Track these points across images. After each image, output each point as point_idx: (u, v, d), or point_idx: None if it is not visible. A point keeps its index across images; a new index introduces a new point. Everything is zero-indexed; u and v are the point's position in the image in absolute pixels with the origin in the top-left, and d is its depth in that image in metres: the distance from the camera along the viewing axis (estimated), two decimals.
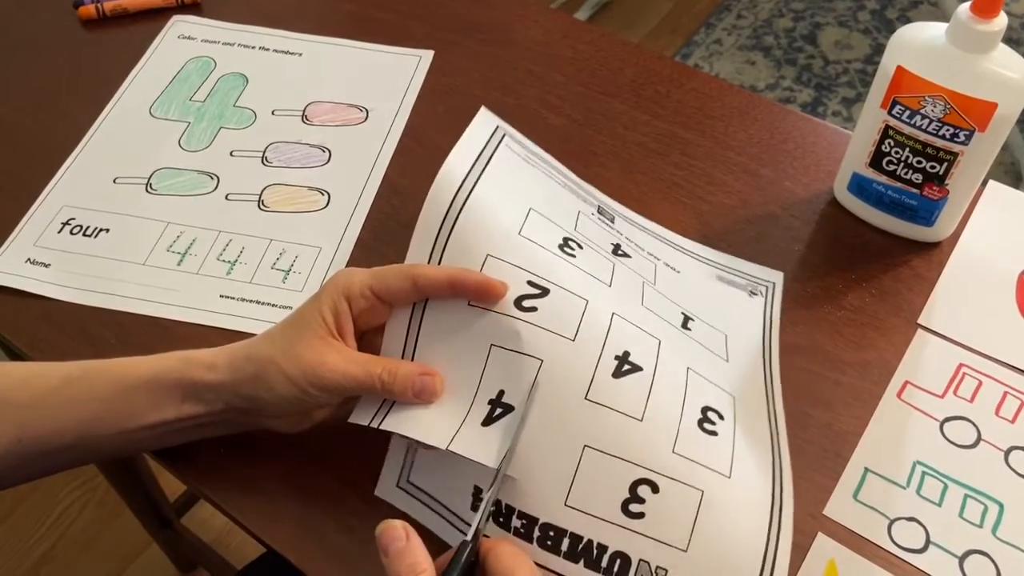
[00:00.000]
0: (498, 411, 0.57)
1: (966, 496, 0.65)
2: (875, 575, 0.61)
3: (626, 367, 0.58)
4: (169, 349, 0.62)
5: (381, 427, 0.58)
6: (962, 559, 0.62)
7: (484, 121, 0.70)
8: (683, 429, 0.58)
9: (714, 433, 0.59)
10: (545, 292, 0.59)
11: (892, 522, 0.63)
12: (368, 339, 0.62)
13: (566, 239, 0.64)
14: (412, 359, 0.60)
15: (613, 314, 0.60)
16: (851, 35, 2.45)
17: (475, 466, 0.56)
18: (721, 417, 0.60)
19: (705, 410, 0.60)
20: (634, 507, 0.56)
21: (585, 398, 0.56)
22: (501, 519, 0.57)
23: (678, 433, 0.57)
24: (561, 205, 0.69)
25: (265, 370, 0.58)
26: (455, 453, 0.56)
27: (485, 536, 0.55)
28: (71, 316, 0.74)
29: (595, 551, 0.56)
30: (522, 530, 0.57)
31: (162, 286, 0.76)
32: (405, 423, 0.58)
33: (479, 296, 0.58)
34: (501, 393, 0.58)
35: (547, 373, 0.57)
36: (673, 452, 0.57)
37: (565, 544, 0.56)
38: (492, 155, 0.67)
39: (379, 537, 0.51)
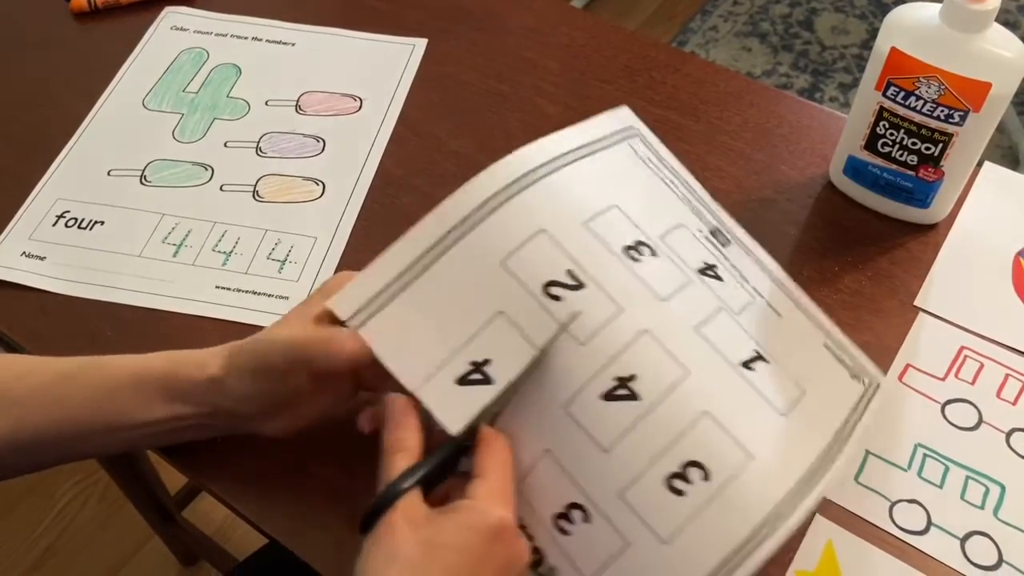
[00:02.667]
0: (475, 376, 0.55)
1: (967, 478, 0.65)
2: (873, 555, 0.61)
3: (621, 392, 0.55)
4: (165, 340, 0.62)
5: (361, 331, 0.56)
6: (963, 540, 0.62)
7: (618, 117, 0.66)
8: (646, 478, 0.54)
9: (680, 493, 0.53)
10: (579, 286, 0.56)
11: (893, 504, 0.63)
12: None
13: (639, 243, 0.59)
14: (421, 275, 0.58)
15: (645, 331, 0.56)
16: (847, 20, 2.44)
17: None
18: (706, 478, 0.53)
19: (687, 465, 0.54)
20: (563, 523, 0.55)
21: (564, 407, 0.55)
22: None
23: (636, 480, 0.54)
24: (660, 213, 0.63)
25: (267, 358, 0.58)
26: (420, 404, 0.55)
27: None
28: (67, 308, 0.74)
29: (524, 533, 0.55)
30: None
31: (158, 277, 0.76)
32: (385, 341, 0.56)
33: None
34: (487, 361, 0.55)
35: (539, 367, 0.55)
36: (619, 497, 0.54)
37: None
38: (606, 147, 0.64)
39: (384, 407, 0.54)
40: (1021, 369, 0.70)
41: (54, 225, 0.79)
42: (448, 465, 0.55)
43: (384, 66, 0.92)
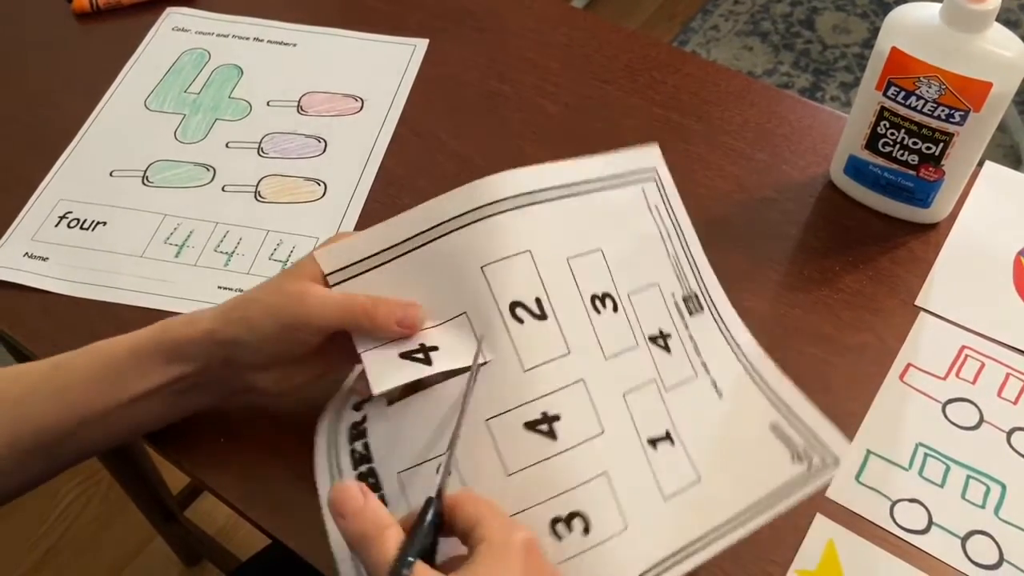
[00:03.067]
0: (418, 355, 0.57)
1: (968, 477, 0.65)
2: (874, 554, 0.61)
3: (542, 427, 0.55)
4: None
5: (336, 288, 0.59)
6: (964, 540, 0.62)
7: (644, 156, 0.66)
8: (534, 512, 0.54)
9: (559, 537, 0.54)
10: (542, 317, 0.57)
11: (894, 504, 0.63)
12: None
13: (606, 294, 0.60)
14: (407, 254, 0.59)
15: (581, 380, 0.57)
16: (849, 19, 2.44)
17: None
18: (586, 531, 0.54)
19: (574, 514, 0.54)
20: None
21: (486, 420, 0.55)
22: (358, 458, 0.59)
23: (525, 512, 0.54)
24: (640, 268, 0.63)
25: (248, 309, 0.59)
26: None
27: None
28: (70, 309, 0.74)
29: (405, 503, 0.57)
30: (367, 473, 0.58)
31: (160, 278, 0.76)
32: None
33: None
34: (435, 348, 0.57)
35: (480, 375, 0.56)
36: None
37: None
38: (618, 186, 0.64)
39: (332, 502, 0.49)
40: (1022, 368, 0.70)
41: (56, 226, 0.80)
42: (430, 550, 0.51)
43: (385, 66, 0.92)
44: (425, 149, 0.85)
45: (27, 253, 0.78)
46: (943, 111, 0.68)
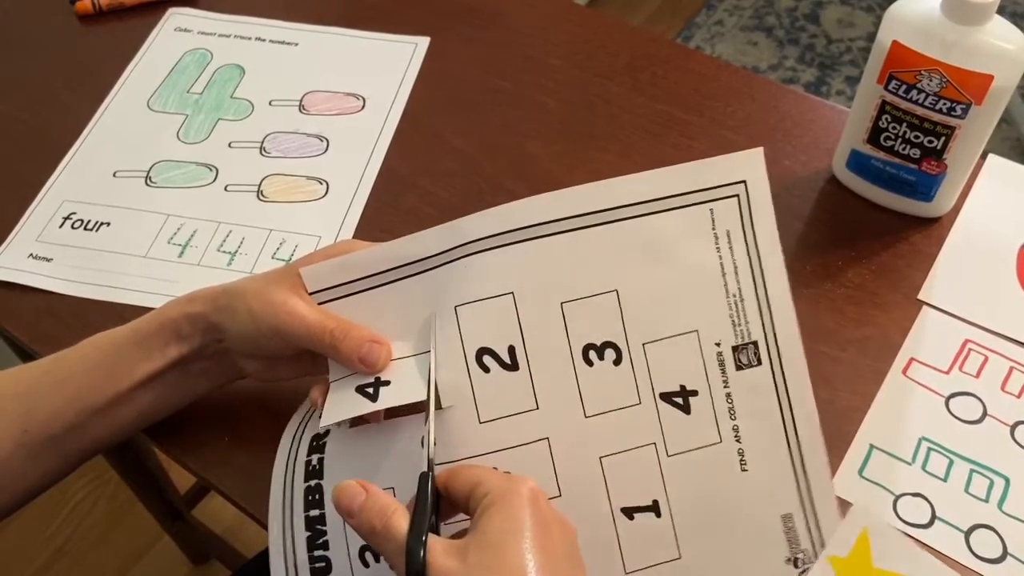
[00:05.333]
0: (369, 389, 0.55)
1: (972, 471, 0.65)
2: (907, 548, 0.61)
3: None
4: None
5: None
6: (968, 533, 0.62)
7: (734, 165, 0.56)
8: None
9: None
10: (512, 367, 0.55)
11: (898, 498, 0.63)
12: None
13: (607, 343, 0.56)
14: (388, 284, 0.58)
15: (544, 439, 0.55)
16: (853, 13, 2.43)
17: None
18: None
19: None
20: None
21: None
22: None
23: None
24: (674, 310, 0.57)
25: (235, 301, 0.59)
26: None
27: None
28: (74, 310, 0.75)
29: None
30: (313, 488, 0.57)
31: (164, 278, 0.76)
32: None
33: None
34: (386, 383, 0.56)
35: (440, 418, 0.54)
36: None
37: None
38: (677, 208, 0.56)
39: (337, 503, 0.50)
40: None
41: (60, 227, 0.80)
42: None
43: (387, 65, 0.92)
44: (427, 147, 0.85)
45: (31, 254, 0.78)
46: (945, 104, 0.68)
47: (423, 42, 0.94)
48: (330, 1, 1.00)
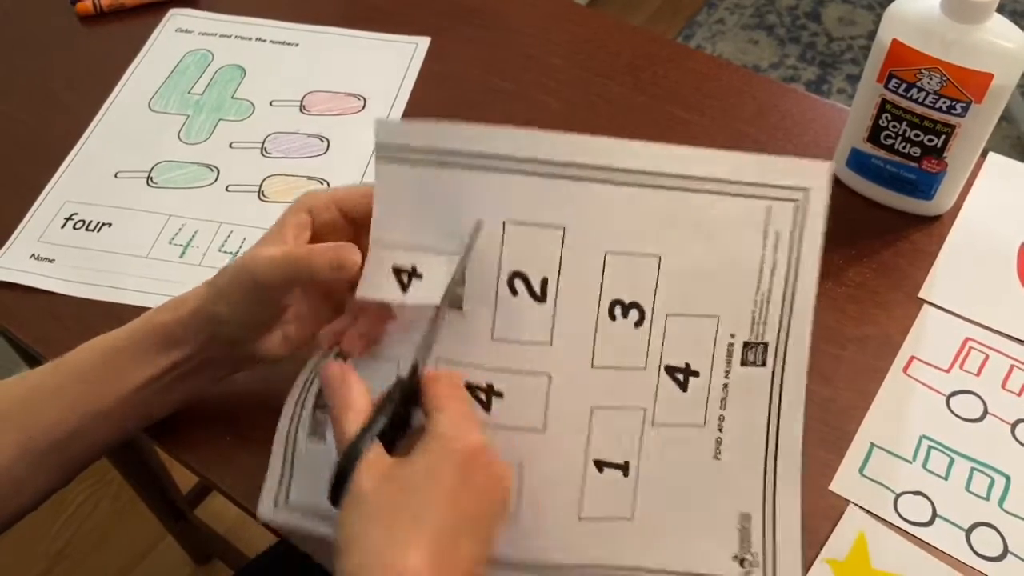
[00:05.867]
0: (404, 277, 0.56)
1: (972, 469, 0.65)
2: (905, 549, 0.61)
3: (480, 395, 0.55)
4: None
5: (378, 165, 0.56)
6: (968, 532, 0.62)
7: (801, 171, 0.56)
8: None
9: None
10: (540, 298, 0.55)
11: (898, 496, 0.63)
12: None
13: (634, 303, 0.56)
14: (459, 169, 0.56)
15: (546, 375, 0.56)
16: (854, 11, 2.43)
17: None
18: None
19: None
20: None
21: (437, 355, 0.55)
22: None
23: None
24: (703, 292, 0.57)
25: (218, 281, 0.59)
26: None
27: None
28: (76, 310, 0.75)
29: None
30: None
31: (165, 279, 0.76)
32: (388, 188, 0.56)
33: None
34: (420, 275, 0.56)
35: (454, 317, 0.55)
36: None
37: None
38: (738, 196, 0.56)
39: (323, 385, 0.53)
40: None
41: (62, 228, 0.80)
42: (403, 420, 0.53)
43: (387, 65, 0.92)
44: None
45: (34, 255, 0.78)
46: (945, 103, 0.68)
47: (423, 42, 0.94)
48: (330, 1, 1.00)
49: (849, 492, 0.63)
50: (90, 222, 0.80)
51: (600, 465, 0.57)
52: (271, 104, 0.90)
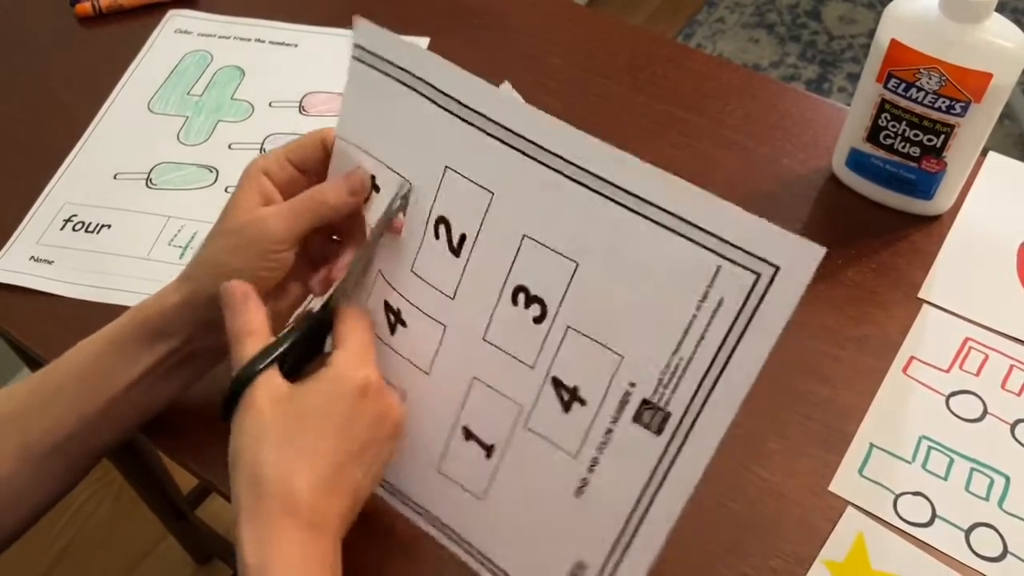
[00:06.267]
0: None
1: (972, 470, 0.65)
2: (903, 550, 0.61)
3: (391, 317, 0.58)
4: None
5: (352, 64, 0.59)
6: (968, 532, 0.62)
7: (779, 244, 0.46)
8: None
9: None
10: (455, 252, 0.55)
11: (898, 497, 0.63)
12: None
13: (537, 299, 0.53)
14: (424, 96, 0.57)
15: (443, 325, 0.57)
16: (855, 9, 2.43)
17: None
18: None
19: None
20: None
21: (378, 269, 0.58)
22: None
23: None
24: (616, 324, 0.51)
25: (214, 256, 0.59)
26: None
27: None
28: (75, 312, 0.75)
29: None
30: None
31: (165, 280, 0.75)
32: (360, 89, 0.58)
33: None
34: (378, 189, 0.58)
35: (390, 238, 0.58)
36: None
37: None
38: (690, 240, 0.48)
39: (221, 295, 0.54)
40: None
41: (61, 229, 0.80)
42: (314, 347, 0.56)
43: None
44: None
45: (33, 257, 0.78)
46: (944, 102, 0.68)
47: (423, 42, 0.94)
48: (330, 1, 1.00)
49: (848, 493, 0.63)
50: (89, 224, 0.80)
51: (467, 434, 0.57)
52: (270, 105, 0.90)
